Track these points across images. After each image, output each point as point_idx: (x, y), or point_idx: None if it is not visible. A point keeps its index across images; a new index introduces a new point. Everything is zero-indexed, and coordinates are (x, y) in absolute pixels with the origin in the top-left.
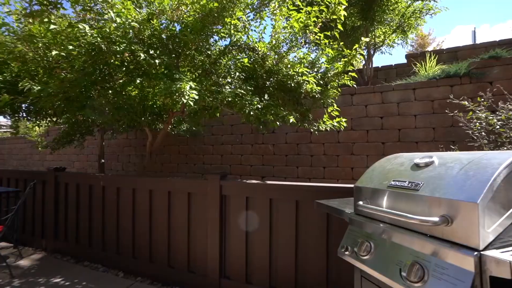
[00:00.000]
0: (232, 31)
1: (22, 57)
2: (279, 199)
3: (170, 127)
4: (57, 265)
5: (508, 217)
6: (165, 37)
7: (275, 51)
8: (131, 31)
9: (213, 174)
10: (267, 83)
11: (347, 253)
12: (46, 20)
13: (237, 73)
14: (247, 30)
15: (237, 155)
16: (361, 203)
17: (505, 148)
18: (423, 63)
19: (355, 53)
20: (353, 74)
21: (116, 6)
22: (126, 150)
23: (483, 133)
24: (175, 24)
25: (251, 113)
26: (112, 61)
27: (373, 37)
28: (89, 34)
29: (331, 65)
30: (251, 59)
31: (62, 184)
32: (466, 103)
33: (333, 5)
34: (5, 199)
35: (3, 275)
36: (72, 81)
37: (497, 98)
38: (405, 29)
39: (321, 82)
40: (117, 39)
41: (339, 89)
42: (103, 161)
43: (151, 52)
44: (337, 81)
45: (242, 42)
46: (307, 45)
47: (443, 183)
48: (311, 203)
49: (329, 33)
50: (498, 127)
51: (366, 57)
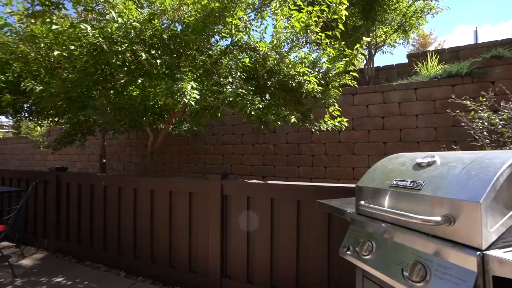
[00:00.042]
0: (233, 31)
1: (24, 57)
2: (280, 199)
3: (171, 127)
4: (59, 264)
5: (511, 217)
6: (166, 37)
7: (276, 51)
8: (132, 31)
9: (214, 174)
10: (268, 83)
11: (349, 253)
12: (48, 20)
13: (238, 73)
14: (248, 30)
15: (238, 155)
16: (362, 202)
17: (507, 147)
18: (424, 63)
19: (356, 53)
20: (354, 74)
21: (117, 6)
22: (127, 150)
23: (485, 132)
24: (177, 24)
25: (252, 113)
26: (113, 61)
27: (374, 36)
28: (91, 34)
29: (332, 65)
30: (252, 59)
31: (63, 184)
32: (468, 102)
33: (334, 5)
34: (7, 199)
35: (5, 274)
36: (74, 81)
37: (499, 97)
38: (407, 28)
39: (322, 82)
40: (119, 39)
41: (340, 89)
42: (104, 161)
43: (153, 52)
44: (338, 81)
45: (243, 42)
46: (308, 45)
47: (445, 182)
48: (313, 203)
49: (330, 33)
50: (500, 126)
51: (367, 56)
